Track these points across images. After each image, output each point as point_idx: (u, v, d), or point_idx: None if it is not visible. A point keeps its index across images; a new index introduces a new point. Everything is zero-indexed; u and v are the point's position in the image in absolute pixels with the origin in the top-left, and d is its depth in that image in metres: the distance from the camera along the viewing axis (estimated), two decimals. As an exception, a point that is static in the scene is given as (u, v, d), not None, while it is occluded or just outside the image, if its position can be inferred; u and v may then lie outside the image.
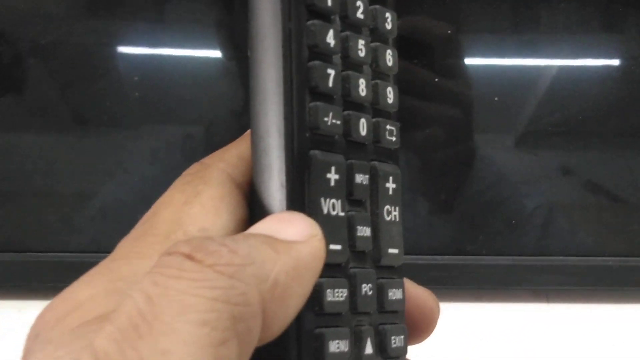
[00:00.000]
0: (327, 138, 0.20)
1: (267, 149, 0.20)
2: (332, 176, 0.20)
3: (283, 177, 0.19)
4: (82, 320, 0.18)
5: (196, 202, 0.21)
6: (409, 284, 0.23)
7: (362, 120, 0.21)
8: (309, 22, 0.20)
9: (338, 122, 0.20)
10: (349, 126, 0.21)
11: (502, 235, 0.48)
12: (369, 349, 0.20)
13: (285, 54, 0.19)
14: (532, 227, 0.48)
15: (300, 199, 0.19)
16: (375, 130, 0.21)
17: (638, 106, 0.48)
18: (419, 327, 0.24)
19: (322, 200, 0.20)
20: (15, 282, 0.47)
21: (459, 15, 0.47)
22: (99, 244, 0.46)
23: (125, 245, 0.21)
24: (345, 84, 0.21)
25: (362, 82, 0.21)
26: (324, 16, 0.20)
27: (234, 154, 0.22)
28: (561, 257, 0.47)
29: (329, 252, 0.19)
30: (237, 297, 0.17)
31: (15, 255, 0.46)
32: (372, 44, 0.22)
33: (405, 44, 0.46)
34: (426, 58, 0.47)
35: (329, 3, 0.20)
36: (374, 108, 0.22)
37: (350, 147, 0.21)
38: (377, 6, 0.22)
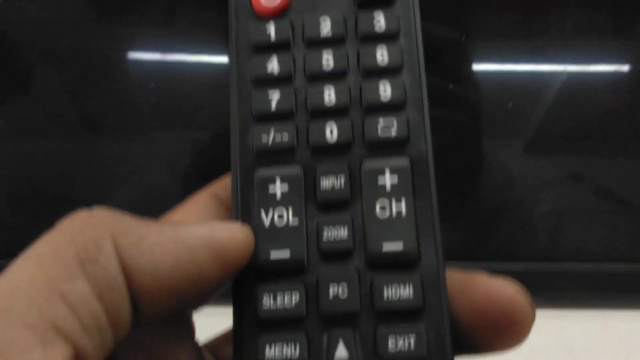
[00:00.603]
0: (279, 154, 0.22)
1: (232, 167, 0.22)
2: (278, 188, 0.21)
3: (235, 195, 0.22)
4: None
5: (178, 210, 0.23)
6: (480, 277, 0.21)
7: (330, 126, 0.22)
8: (253, 58, 0.23)
9: (285, 137, 0.22)
10: (313, 134, 0.22)
11: (514, 241, 0.48)
12: (341, 352, 0.20)
13: (232, 85, 0.23)
14: (544, 232, 0.48)
15: (249, 213, 0.21)
16: (367, 128, 0.22)
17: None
18: (500, 325, 0.20)
19: (264, 212, 0.21)
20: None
21: (470, 22, 0.47)
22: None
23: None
24: (307, 97, 0.22)
25: (328, 90, 0.22)
26: (275, 49, 0.23)
27: (224, 179, 0.24)
28: (575, 263, 0.47)
29: (271, 262, 0.21)
30: (88, 243, 0.18)
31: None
32: (361, 48, 0.23)
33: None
34: (437, 64, 0.47)
35: (272, 39, 0.23)
36: (364, 107, 0.22)
37: (319, 153, 0.22)
38: (362, 12, 0.23)
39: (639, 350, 0.46)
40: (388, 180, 0.21)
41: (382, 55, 0.23)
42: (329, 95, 0.22)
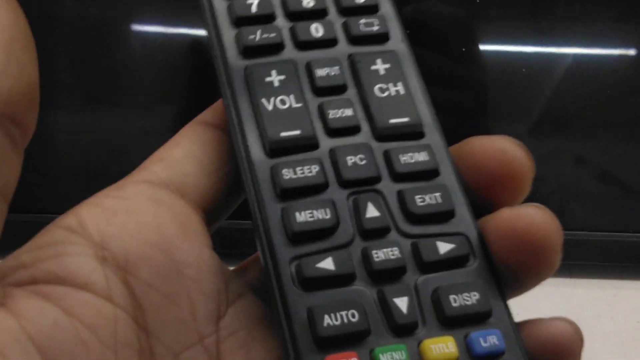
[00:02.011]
0: (267, 50, 0.22)
1: (218, 74, 0.22)
2: (275, 78, 0.22)
3: (230, 93, 0.22)
4: None
5: (168, 145, 0.23)
6: (474, 138, 0.21)
7: (314, 25, 0.22)
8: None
9: (272, 35, 0.22)
10: (299, 32, 0.22)
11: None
12: (372, 212, 0.20)
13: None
14: (553, 207, 0.48)
15: (247, 104, 0.21)
16: (350, 26, 0.23)
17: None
18: (498, 179, 0.21)
19: (265, 99, 0.21)
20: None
21: (476, 2, 0.47)
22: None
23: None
24: (285, 3, 0.23)
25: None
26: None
27: (209, 108, 0.24)
28: (585, 232, 0.47)
29: (281, 139, 0.21)
30: None
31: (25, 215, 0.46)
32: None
33: (417, 29, 0.46)
34: (439, 44, 0.47)
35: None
36: (342, 10, 0.23)
37: (307, 49, 0.22)
38: None
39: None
40: (381, 66, 0.22)
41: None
42: (307, 3, 0.23)
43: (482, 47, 0.48)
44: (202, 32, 0.47)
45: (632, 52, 0.48)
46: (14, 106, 0.17)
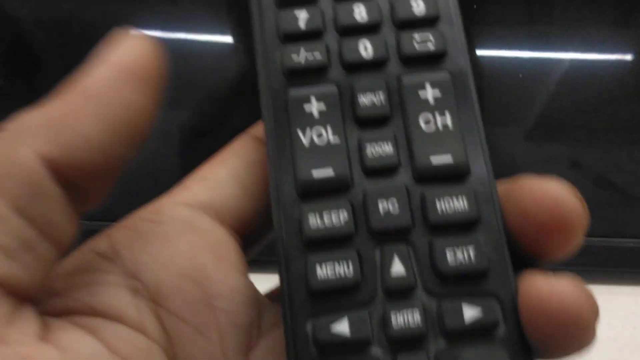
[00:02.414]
0: (312, 74, 0.21)
1: (261, 95, 0.21)
2: (315, 107, 0.21)
3: (269, 118, 0.21)
4: None
5: (216, 157, 0.22)
6: (525, 180, 0.20)
7: (363, 42, 0.21)
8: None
9: (317, 56, 0.21)
10: (346, 52, 0.21)
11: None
12: (397, 268, 0.19)
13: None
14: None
15: (285, 135, 0.20)
16: (402, 43, 0.21)
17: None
18: (549, 227, 0.19)
19: (301, 132, 0.20)
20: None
21: (473, 7, 0.47)
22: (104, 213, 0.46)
23: None
24: (336, 16, 0.21)
25: (357, 7, 0.21)
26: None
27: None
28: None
29: (312, 181, 0.20)
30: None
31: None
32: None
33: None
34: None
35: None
36: (397, 23, 0.21)
37: (353, 71, 0.21)
38: None
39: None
40: (430, 93, 0.21)
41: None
42: (360, 13, 0.21)
43: (479, 52, 0.48)
44: (193, 36, 0.47)
45: (627, 57, 0.48)
46: (80, 172, 0.17)
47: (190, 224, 0.20)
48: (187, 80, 0.47)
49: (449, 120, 0.20)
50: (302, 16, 0.21)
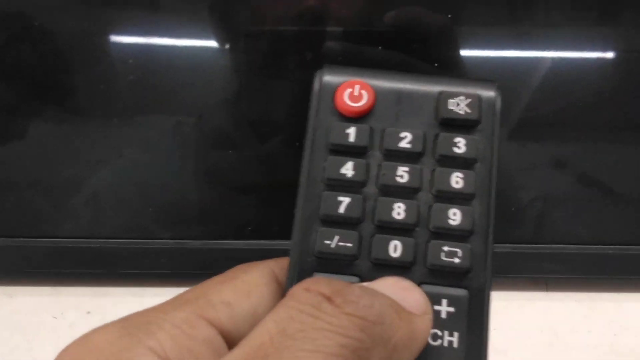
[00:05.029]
0: (340, 262, 0.22)
1: (289, 266, 0.23)
2: None
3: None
4: None
5: (229, 283, 0.23)
6: None
7: (394, 242, 0.22)
8: (329, 157, 0.23)
9: (347, 247, 0.22)
10: (375, 248, 0.22)
11: (499, 225, 0.48)
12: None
13: (302, 180, 0.23)
14: (530, 218, 0.48)
15: None
16: (431, 251, 0.22)
17: (633, 99, 0.48)
18: None
19: None
20: (6, 268, 0.47)
21: (455, 7, 0.47)
22: (91, 230, 0.46)
23: (146, 309, 0.23)
24: (376, 208, 0.23)
25: (397, 205, 0.22)
26: (351, 153, 0.23)
27: (282, 260, 0.24)
28: (561, 245, 0.47)
29: None
30: (363, 351, 0.18)
31: (7, 240, 0.46)
32: (437, 168, 0.23)
33: (401, 35, 0.45)
34: (422, 49, 0.47)
35: (351, 142, 0.23)
36: (432, 229, 0.23)
37: (379, 268, 0.22)
38: (443, 133, 0.23)
39: (625, 333, 0.46)
40: (444, 309, 0.22)
41: (457, 180, 0.23)
42: (398, 211, 0.22)
43: (464, 52, 0.48)
44: (175, 42, 0.46)
45: (610, 55, 0.48)
46: None
47: (213, 347, 0.22)
48: (170, 86, 0.47)
49: (455, 340, 0.22)
50: (344, 201, 0.23)
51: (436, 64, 0.46)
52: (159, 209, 0.45)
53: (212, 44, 0.47)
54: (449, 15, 0.47)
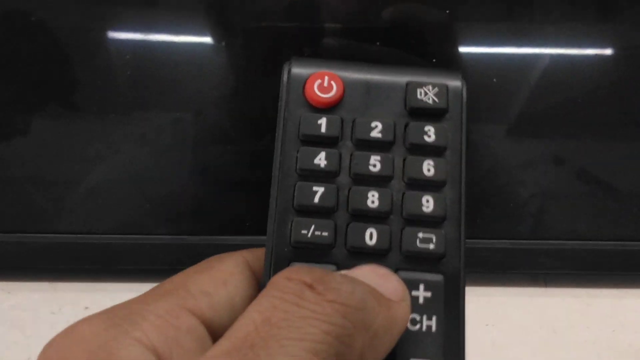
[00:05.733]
0: (316, 250, 0.23)
1: (265, 256, 0.23)
2: None
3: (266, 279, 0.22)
4: (87, 352, 0.20)
5: (206, 273, 0.23)
6: None
7: (370, 230, 0.23)
8: (301, 148, 0.23)
9: (325, 234, 0.23)
10: (350, 236, 0.23)
11: (498, 221, 0.48)
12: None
13: (275, 172, 0.23)
14: (529, 214, 0.48)
15: None
16: (405, 238, 0.23)
17: (631, 95, 0.48)
18: None
19: None
20: (4, 263, 0.47)
21: (453, 3, 0.47)
22: (89, 225, 0.46)
23: (127, 301, 0.23)
24: (349, 197, 0.23)
25: (371, 194, 0.23)
26: (323, 143, 0.23)
27: (257, 250, 0.25)
28: (559, 241, 0.47)
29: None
30: (346, 337, 0.18)
31: (4, 236, 0.46)
32: (408, 157, 0.24)
33: (398, 31, 0.45)
34: (419, 45, 0.47)
35: (322, 132, 0.23)
36: (405, 217, 0.23)
37: (356, 256, 0.23)
38: (413, 122, 0.24)
39: (622, 329, 0.46)
40: (422, 294, 0.22)
41: (428, 167, 0.23)
42: (372, 199, 0.23)
43: (462, 48, 0.48)
44: (173, 38, 0.46)
45: (608, 51, 0.48)
46: None
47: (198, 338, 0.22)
48: (168, 82, 0.47)
49: (434, 324, 0.22)
50: (319, 191, 0.23)
51: (434, 60, 0.46)
52: (156, 205, 0.45)
53: (210, 39, 0.47)
54: (447, 11, 0.47)
